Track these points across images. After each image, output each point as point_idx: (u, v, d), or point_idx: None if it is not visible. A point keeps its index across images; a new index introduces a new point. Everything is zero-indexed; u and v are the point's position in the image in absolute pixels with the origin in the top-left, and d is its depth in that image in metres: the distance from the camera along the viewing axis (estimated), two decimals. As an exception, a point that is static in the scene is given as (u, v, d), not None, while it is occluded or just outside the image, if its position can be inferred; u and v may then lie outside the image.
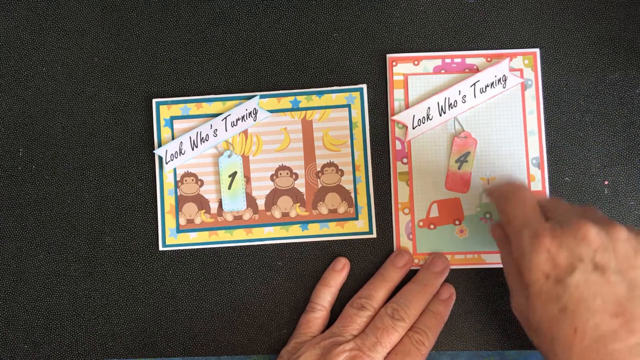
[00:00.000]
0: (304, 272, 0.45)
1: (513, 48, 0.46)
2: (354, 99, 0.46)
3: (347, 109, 0.46)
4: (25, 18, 0.48)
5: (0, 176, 0.46)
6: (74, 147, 0.46)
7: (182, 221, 0.45)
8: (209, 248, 0.45)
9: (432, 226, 0.45)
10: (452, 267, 0.44)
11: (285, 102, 0.46)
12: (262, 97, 0.46)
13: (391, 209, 0.45)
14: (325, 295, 0.43)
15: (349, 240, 0.45)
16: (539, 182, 0.44)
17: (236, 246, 0.45)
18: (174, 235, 0.45)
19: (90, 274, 0.45)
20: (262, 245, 0.45)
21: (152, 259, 0.45)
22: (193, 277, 0.45)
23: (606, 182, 0.45)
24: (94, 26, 0.48)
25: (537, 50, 0.46)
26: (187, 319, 0.44)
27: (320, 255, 0.45)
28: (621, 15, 0.46)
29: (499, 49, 0.46)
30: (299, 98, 0.46)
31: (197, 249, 0.45)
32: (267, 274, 0.45)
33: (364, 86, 0.46)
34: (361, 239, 0.45)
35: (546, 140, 0.45)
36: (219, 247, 0.45)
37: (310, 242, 0.45)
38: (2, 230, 0.46)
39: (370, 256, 0.45)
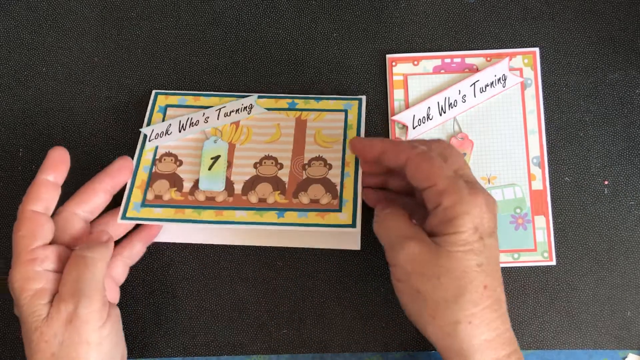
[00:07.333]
0: (304, 272, 0.45)
1: (512, 47, 0.46)
2: (351, 106, 0.45)
3: (343, 113, 0.45)
4: (25, 18, 0.48)
5: (0, 176, 0.46)
6: (74, 147, 0.46)
7: (150, 196, 0.43)
8: (209, 248, 0.45)
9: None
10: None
11: (283, 104, 0.46)
12: (260, 97, 0.46)
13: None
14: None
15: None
16: (539, 182, 0.44)
17: (236, 246, 0.45)
18: (136, 209, 0.42)
19: (90, 274, 0.45)
20: (262, 245, 0.45)
21: (152, 258, 0.45)
22: (193, 277, 0.45)
23: (606, 182, 0.45)
24: (94, 26, 0.48)
25: (537, 50, 0.46)
26: (187, 319, 0.44)
27: (320, 255, 0.45)
28: (621, 15, 0.46)
29: (499, 48, 0.46)
30: (296, 100, 0.46)
31: (196, 244, 0.45)
32: (267, 274, 0.45)
33: (364, 97, 0.46)
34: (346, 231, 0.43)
35: (546, 140, 0.45)
36: (219, 247, 0.45)
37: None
38: (2, 231, 0.46)
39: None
